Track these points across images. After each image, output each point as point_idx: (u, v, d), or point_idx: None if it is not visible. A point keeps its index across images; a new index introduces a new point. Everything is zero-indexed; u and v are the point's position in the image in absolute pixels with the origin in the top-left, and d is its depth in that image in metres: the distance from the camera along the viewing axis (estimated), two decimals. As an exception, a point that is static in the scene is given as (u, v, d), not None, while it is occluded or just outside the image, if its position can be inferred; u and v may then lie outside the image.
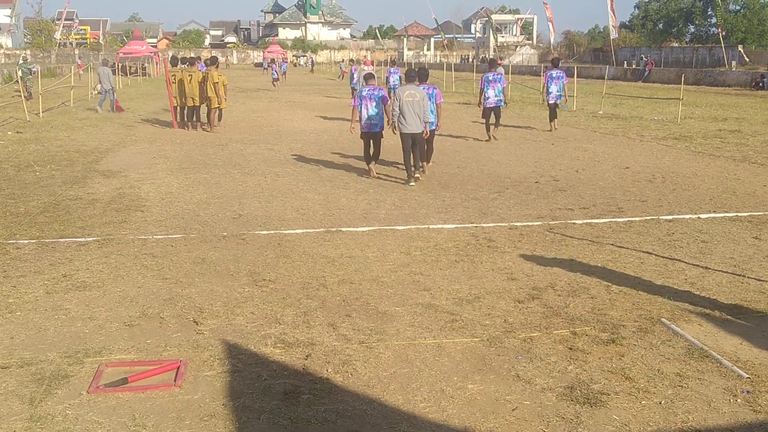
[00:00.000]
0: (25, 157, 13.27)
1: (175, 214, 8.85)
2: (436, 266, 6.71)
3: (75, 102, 26.05)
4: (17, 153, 13.87)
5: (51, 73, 47.10)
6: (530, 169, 12.25)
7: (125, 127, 18.75)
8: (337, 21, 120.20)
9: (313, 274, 6.46)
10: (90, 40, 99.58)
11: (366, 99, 11.40)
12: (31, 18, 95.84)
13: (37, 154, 13.77)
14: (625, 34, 76.35)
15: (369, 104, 11.37)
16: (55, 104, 25.27)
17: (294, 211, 9.07)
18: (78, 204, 9.28)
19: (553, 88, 17.76)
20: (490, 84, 15.72)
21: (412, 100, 10.71)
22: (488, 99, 15.78)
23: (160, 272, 6.48)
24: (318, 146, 15.31)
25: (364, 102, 11.38)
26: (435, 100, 11.72)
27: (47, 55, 75.06)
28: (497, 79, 15.77)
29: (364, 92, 11.48)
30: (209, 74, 17.82)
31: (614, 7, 52.54)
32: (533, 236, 7.80)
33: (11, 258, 6.85)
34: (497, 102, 15.83)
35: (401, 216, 8.82)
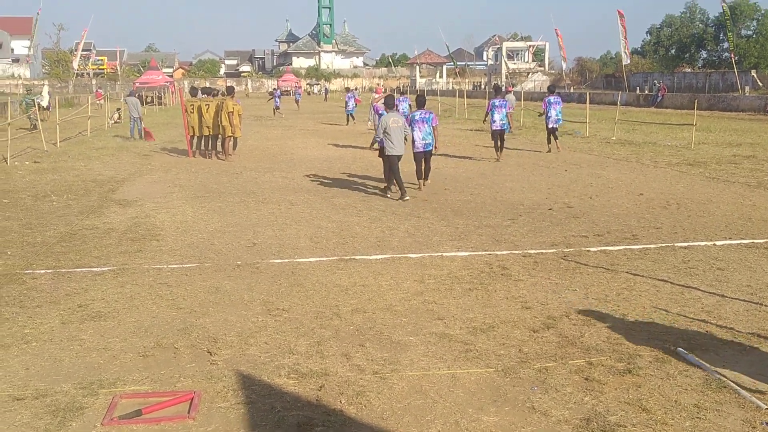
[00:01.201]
0: (42, 187, 13.43)
1: (190, 243, 8.90)
2: (450, 295, 6.68)
3: (92, 132, 26.39)
4: (34, 183, 14.04)
5: (68, 103, 47.82)
6: (543, 196, 12.23)
7: (141, 156, 18.95)
8: (350, 50, 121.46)
9: (326, 303, 6.45)
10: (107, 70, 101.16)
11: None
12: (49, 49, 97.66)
13: (54, 183, 13.93)
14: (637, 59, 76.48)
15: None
16: (72, 134, 25.60)
17: (307, 239, 9.09)
18: (94, 233, 9.36)
19: (552, 113, 18.96)
20: (497, 109, 17.17)
21: (396, 126, 11.98)
22: (494, 122, 17.22)
23: (174, 302, 6.50)
24: (331, 174, 15.38)
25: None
26: (432, 123, 12.92)
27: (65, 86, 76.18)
28: (503, 104, 17.26)
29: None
30: (225, 104, 18.01)
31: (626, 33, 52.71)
32: (547, 264, 7.76)
33: (28, 288, 6.90)
34: (502, 126, 17.20)
35: (414, 243, 8.81)
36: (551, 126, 19.01)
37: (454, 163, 17.28)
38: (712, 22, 71.36)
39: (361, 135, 24.41)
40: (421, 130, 12.84)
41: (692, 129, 21.02)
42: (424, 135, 12.85)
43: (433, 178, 14.41)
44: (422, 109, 13.11)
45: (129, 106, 25.36)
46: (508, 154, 18.76)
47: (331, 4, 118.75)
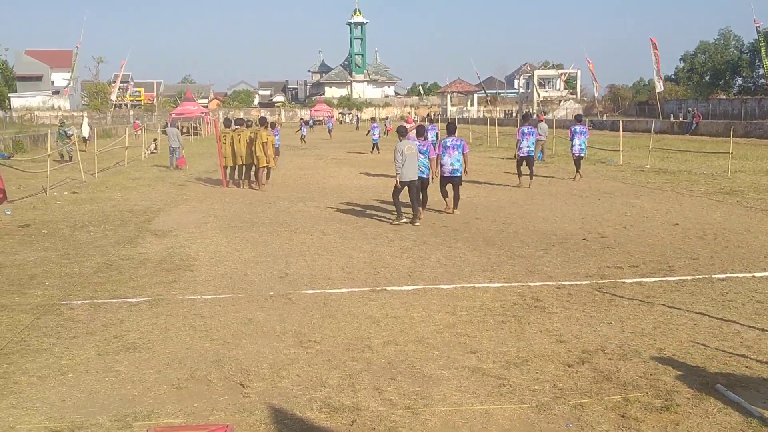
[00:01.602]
0: (80, 217, 13.71)
1: (224, 273, 8.98)
2: (483, 327, 6.63)
3: (129, 162, 26.93)
4: (73, 213, 14.34)
5: (107, 134, 48.96)
6: (577, 226, 12.12)
7: (177, 187, 19.27)
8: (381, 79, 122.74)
9: (358, 335, 6.44)
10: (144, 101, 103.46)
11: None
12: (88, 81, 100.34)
13: (92, 214, 14.21)
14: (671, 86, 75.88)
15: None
16: (110, 164, 26.17)
17: (339, 270, 9.11)
18: (130, 264, 9.51)
19: (576, 142, 19.20)
20: (525, 136, 17.68)
21: (411, 153, 12.42)
22: (521, 149, 17.76)
23: (208, 333, 6.55)
24: (363, 203, 15.45)
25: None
26: (462, 150, 13.57)
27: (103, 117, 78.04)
28: (531, 132, 17.85)
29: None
30: (258, 134, 18.28)
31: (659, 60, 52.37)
32: (582, 296, 7.66)
33: (65, 319, 7.02)
34: (529, 152, 17.71)
35: (446, 274, 8.78)
36: (576, 154, 19.36)
37: (486, 191, 17.24)
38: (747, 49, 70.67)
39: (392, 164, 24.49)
40: (451, 156, 13.57)
41: (728, 157, 20.70)
42: (453, 161, 13.56)
43: (464, 207, 14.42)
44: (453, 135, 13.78)
45: (169, 136, 26.19)
46: (540, 183, 18.70)
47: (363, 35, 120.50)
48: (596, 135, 42.34)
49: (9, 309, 7.36)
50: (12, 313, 7.20)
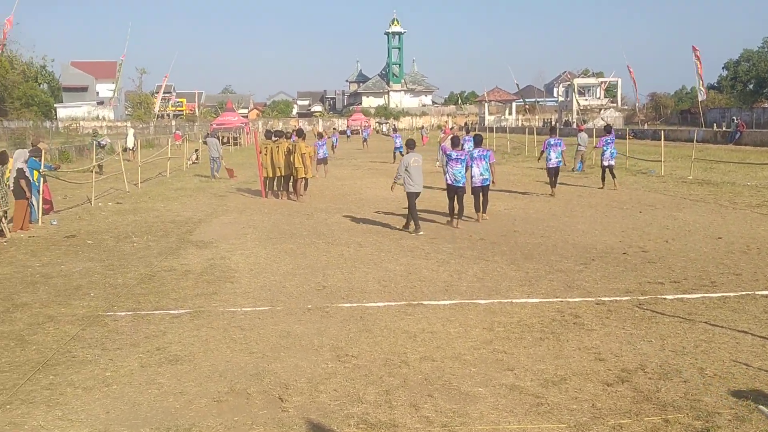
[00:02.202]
0: (124, 228, 14.03)
1: (263, 285, 9.10)
2: (520, 344, 6.60)
3: (171, 172, 27.44)
4: (117, 223, 14.68)
5: (149, 144, 49.90)
6: (617, 239, 11.97)
7: (217, 197, 19.57)
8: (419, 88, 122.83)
9: (394, 350, 6.47)
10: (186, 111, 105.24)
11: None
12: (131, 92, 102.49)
13: (135, 224, 14.53)
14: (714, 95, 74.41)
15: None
16: (152, 174, 26.70)
17: (376, 283, 9.16)
18: (172, 275, 9.70)
19: (606, 152, 19.63)
20: (552, 148, 18.08)
21: (417, 165, 12.99)
22: (550, 160, 18.17)
23: (247, 346, 6.65)
24: (399, 214, 15.46)
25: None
26: (489, 160, 14.37)
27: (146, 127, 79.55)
28: (558, 143, 18.18)
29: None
30: (297, 146, 18.47)
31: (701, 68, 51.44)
32: (621, 312, 7.58)
33: (109, 330, 7.20)
34: (557, 163, 18.25)
35: (483, 289, 8.76)
36: (605, 164, 19.76)
37: (524, 203, 17.14)
38: (793, 56, 68.96)
39: (429, 174, 24.50)
40: (479, 166, 14.30)
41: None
42: (482, 171, 14.31)
43: (502, 219, 14.38)
44: (479, 147, 14.64)
45: (209, 147, 26.54)
46: (579, 194, 18.58)
47: (400, 44, 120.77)
48: (637, 144, 41.76)
49: (55, 320, 7.57)
50: (58, 324, 7.41)
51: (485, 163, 14.28)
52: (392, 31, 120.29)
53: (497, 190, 19.96)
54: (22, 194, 13.64)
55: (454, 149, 13.84)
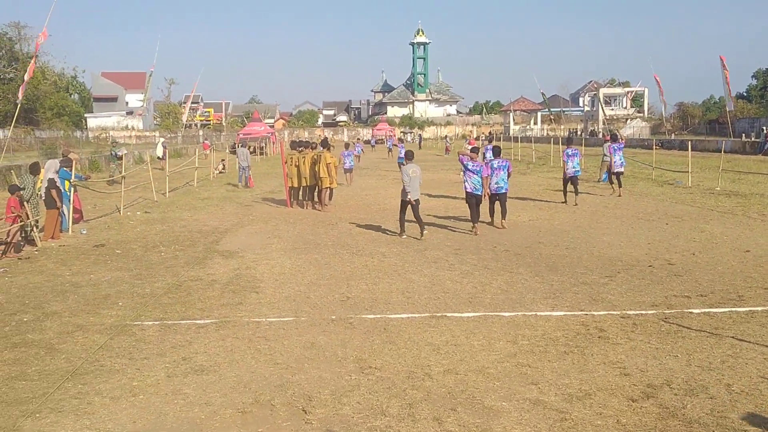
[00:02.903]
0: (151, 238, 14.20)
1: (288, 295, 9.16)
2: (545, 357, 6.56)
3: (198, 182, 27.73)
4: (145, 233, 14.87)
5: (177, 153, 50.44)
6: (643, 252, 11.84)
7: (243, 207, 19.74)
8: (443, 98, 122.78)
9: (418, 363, 6.47)
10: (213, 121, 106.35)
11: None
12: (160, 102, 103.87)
13: (163, 234, 14.70)
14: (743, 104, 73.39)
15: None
16: (180, 184, 27.00)
17: (400, 294, 9.16)
18: (198, 285, 9.80)
19: (616, 158, 20.64)
20: (570, 158, 18.88)
21: (415, 175, 13.73)
22: (568, 170, 18.88)
23: (272, 357, 6.69)
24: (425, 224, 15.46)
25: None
26: (507, 170, 15.04)
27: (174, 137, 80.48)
28: (575, 153, 19.20)
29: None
30: (322, 156, 18.58)
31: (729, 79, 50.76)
32: (647, 326, 7.49)
33: (137, 339, 7.29)
34: (575, 172, 18.93)
35: (507, 301, 8.72)
36: (616, 171, 20.77)
37: (549, 214, 17.04)
38: (825, 65, 67.79)
39: (453, 185, 24.50)
40: (498, 175, 14.86)
41: (805, 179, 19.86)
42: (499, 180, 14.88)
43: (526, 230, 14.32)
44: (498, 157, 15.27)
45: (239, 156, 27.19)
46: (605, 205, 18.41)
47: (425, 54, 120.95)
48: (664, 155, 41.29)
49: (84, 329, 7.69)
50: (87, 333, 7.52)
51: (503, 173, 14.94)
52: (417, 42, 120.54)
53: (518, 198, 19.92)
54: (53, 204, 13.88)
55: (472, 160, 14.50)
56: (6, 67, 71.70)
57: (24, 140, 53.54)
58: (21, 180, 13.51)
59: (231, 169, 35.29)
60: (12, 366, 6.51)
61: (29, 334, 7.54)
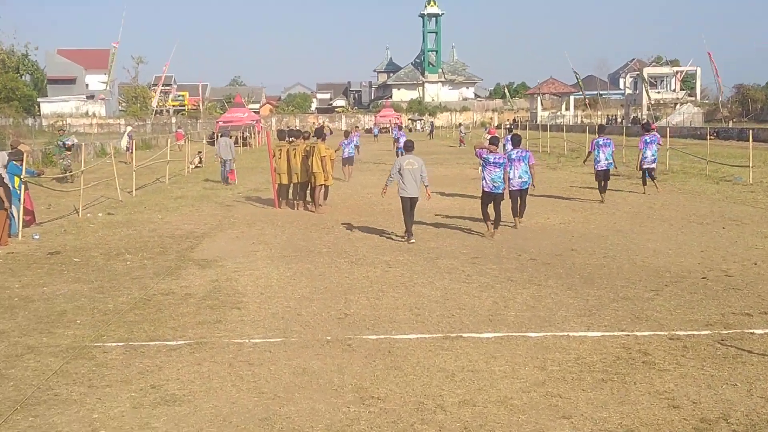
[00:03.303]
0: (115, 244, 14.24)
1: (275, 312, 9.16)
2: (578, 386, 6.54)
3: (170, 178, 27.80)
4: (107, 238, 14.91)
5: (146, 144, 50.62)
6: (696, 261, 11.83)
7: (223, 207, 19.78)
8: (459, 79, 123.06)
9: (428, 392, 6.46)
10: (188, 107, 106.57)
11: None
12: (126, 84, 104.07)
13: (129, 239, 14.74)
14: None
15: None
16: (149, 180, 27.09)
17: (407, 311, 9.17)
18: (170, 300, 9.82)
19: (648, 153, 20.79)
20: (601, 148, 19.17)
21: (411, 168, 13.92)
22: (599, 162, 19.18)
23: (256, 384, 6.69)
24: (435, 229, 15.50)
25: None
26: (528, 161, 15.40)
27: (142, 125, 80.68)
28: (608, 143, 19.28)
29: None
30: (316, 148, 18.54)
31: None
32: (700, 350, 7.47)
33: (97, 364, 7.30)
34: (608, 165, 19.24)
35: (535, 319, 8.71)
36: (646, 166, 20.92)
37: (584, 216, 17.03)
38: None
39: (470, 182, 24.50)
40: (518, 168, 15.24)
41: None
42: (521, 173, 15.27)
43: (557, 235, 14.34)
44: (518, 147, 15.64)
45: (220, 147, 27.02)
46: (650, 206, 18.41)
47: (438, 28, 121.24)
48: (720, 146, 41.30)
49: (36, 351, 7.70)
50: (40, 356, 7.53)
51: (524, 165, 15.32)
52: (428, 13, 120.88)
53: (546, 197, 19.92)
54: (1, 204, 13.91)
55: (492, 151, 14.57)
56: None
57: (-34, 129, 53.74)
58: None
59: (209, 163, 35.42)
60: (-50, 395, 6.53)
61: (-29, 357, 7.56)
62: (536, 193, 18.57)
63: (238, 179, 26.99)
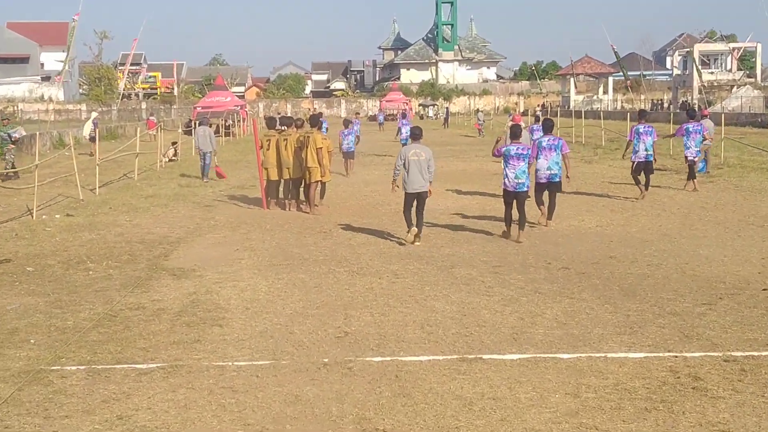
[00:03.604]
0: (75, 250, 14.28)
1: (262, 330, 9.18)
2: (618, 417, 6.55)
3: (140, 173, 27.87)
4: (66, 244, 14.95)
5: (111, 134, 50.70)
6: (755, 269, 11.85)
7: (202, 208, 19.83)
8: (478, 58, 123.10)
9: (442, 424, 6.47)
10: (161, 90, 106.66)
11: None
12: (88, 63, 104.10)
13: (91, 245, 14.79)
14: None
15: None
16: (115, 176, 27.16)
17: (417, 328, 9.18)
18: (140, 316, 9.85)
19: (691, 144, 21.45)
20: (641, 137, 19.49)
21: (418, 159, 14.20)
22: (637, 153, 19.52)
23: (240, 415, 6.71)
24: (451, 233, 15.52)
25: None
26: (561, 150, 15.79)
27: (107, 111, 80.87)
28: (648, 131, 19.54)
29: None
30: (311, 138, 18.49)
31: None
32: (761, 373, 7.48)
33: (54, 391, 7.32)
34: (647, 156, 19.47)
35: (566, 337, 8.72)
36: (691, 159, 21.49)
37: (624, 218, 17.04)
38: None
39: (492, 177, 24.51)
40: (548, 158, 15.72)
41: None
42: (551, 164, 15.72)
43: (593, 240, 14.37)
44: (550, 134, 16.20)
45: (198, 138, 27.06)
46: (702, 206, 18.44)
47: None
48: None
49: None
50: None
51: (556, 154, 15.72)
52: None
53: (580, 194, 19.91)
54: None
55: (513, 141, 14.88)
56: None
57: None
58: None
59: (185, 156, 35.51)
60: None
61: None
62: (569, 190, 18.58)
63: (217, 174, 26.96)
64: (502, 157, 14.77)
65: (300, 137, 19.13)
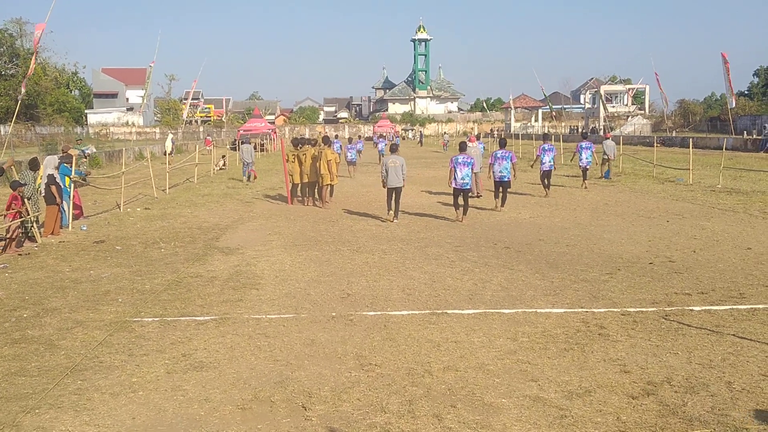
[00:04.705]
0: (151, 234, 14.20)
1: (288, 292, 9.15)
2: (544, 354, 6.55)
3: (198, 178, 27.71)
4: (145, 229, 14.86)
5: (178, 150, 50.35)
6: (644, 249, 11.84)
7: (244, 204, 19.72)
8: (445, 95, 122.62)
9: (418, 360, 6.46)
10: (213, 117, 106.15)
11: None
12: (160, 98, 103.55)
13: (163, 230, 14.70)
14: (744, 102, 73.35)
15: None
16: (180, 180, 26.98)
17: (400, 291, 9.16)
18: (198, 282, 9.79)
19: (584, 156, 22.40)
20: (546, 152, 20.28)
21: (394, 165, 15.32)
22: (544, 164, 20.30)
23: (272, 353, 6.69)
24: (424, 222, 15.48)
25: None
26: (511, 160, 16.93)
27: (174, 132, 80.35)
28: (551, 149, 20.43)
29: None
30: (324, 153, 18.52)
31: (731, 76, 50.67)
32: (647, 324, 7.49)
33: (136, 336, 7.29)
34: (550, 166, 20.34)
35: (508, 298, 8.71)
36: (583, 166, 22.50)
37: (549, 211, 17.02)
38: (827, 62, 67.74)
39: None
40: (500, 164, 16.88)
41: (806, 176, 19.84)
42: (502, 169, 16.89)
43: (527, 227, 14.33)
44: (503, 149, 17.36)
45: (243, 152, 27.84)
46: (606, 203, 18.44)
47: (426, 51, 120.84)
48: (665, 152, 41.29)
49: (84, 325, 7.69)
50: (87, 330, 7.52)
51: (506, 162, 16.85)
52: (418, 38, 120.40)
53: (518, 194, 19.94)
54: (53, 200, 13.87)
55: (461, 153, 15.30)
56: (7, 63, 71.68)
57: (24, 136, 53.56)
58: (22, 176, 13.51)
59: (231, 166, 35.33)
60: (11, 362, 6.51)
61: (29, 330, 7.54)
62: (510, 191, 18.55)
63: (256, 180, 26.93)
64: (453, 164, 15.18)
65: (315, 152, 19.11)
